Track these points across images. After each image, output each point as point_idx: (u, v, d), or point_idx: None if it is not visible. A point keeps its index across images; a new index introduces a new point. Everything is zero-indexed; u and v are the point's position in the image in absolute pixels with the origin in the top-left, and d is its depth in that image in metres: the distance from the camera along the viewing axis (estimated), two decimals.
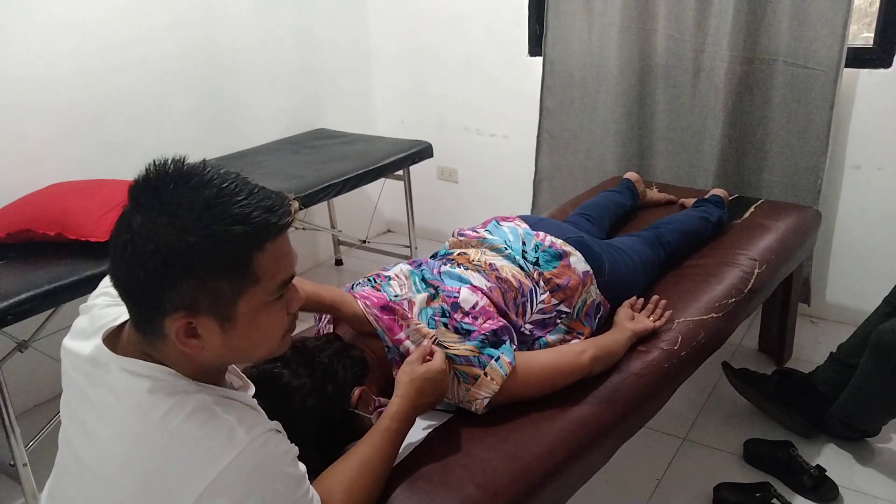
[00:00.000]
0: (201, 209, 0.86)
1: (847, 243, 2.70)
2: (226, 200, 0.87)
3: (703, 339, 1.74)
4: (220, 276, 0.88)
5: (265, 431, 0.95)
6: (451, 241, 1.81)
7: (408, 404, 1.24)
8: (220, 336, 0.92)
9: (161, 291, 0.88)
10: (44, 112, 2.40)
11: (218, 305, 0.90)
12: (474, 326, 1.42)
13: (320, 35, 3.35)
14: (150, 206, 0.87)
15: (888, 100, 2.48)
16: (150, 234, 0.86)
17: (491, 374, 1.37)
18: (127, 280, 0.90)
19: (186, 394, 0.92)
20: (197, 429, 0.90)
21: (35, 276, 1.87)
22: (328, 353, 1.31)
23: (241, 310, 0.91)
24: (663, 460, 2.10)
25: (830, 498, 1.91)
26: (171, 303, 0.88)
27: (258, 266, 0.90)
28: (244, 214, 0.87)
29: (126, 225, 0.89)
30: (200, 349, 0.92)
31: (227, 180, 0.89)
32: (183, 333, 0.90)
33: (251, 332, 0.94)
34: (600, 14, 2.83)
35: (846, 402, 2.02)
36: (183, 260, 0.86)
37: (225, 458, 0.89)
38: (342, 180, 2.64)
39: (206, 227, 0.86)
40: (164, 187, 0.88)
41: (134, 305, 0.93)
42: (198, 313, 0.89)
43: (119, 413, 0.92)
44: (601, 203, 2.33)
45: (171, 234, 0.85)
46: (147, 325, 0.92)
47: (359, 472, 1.15)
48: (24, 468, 1.92)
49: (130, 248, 0.87)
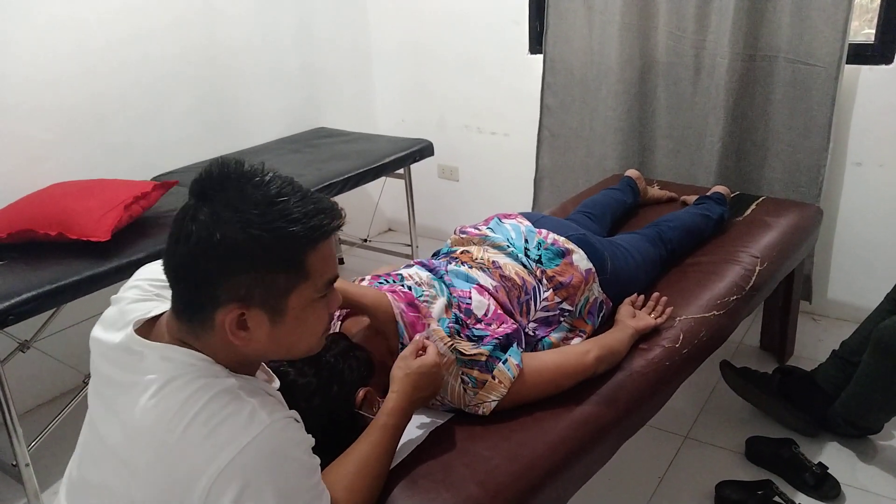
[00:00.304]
0: (265, 206, 0.92)
1: (849, 240, 2.70)
2: (285, 200, 0.93)
3: (704, 337, 1.74)
4: (276, 270, 0.93)
5: (285, 417, 0.98)
6: (453, 238, 1.80)
7: (404, 399, 1.24)
8: (268, 329, 0.96)
9: (220, 282, 0.92)
10: (45, 112, 2.40)
11: (270, 299, 0.94)
12: (487, 332, 1.43)
13: (320, 34, 3.35)
14: (217, 200, 0.92)
15: (889, 96, 2.48)
16: (217, 226, 0.91)
17: (499, 377, 1.37)
18: (187, 269, 0.94)
19: (215, 377, 0.96)
20: (221, 409, 0.93)
21: (36, 277, 1.87)
22: (334, 352, 1.30)
23: (292, 304, 0.96)
24: (665, 458, 2.10)
25: (832, 496, 1.91)
26: (227, 294, 0.93)
27: (310, 264, 0.96)
28: (302, 214, 0.93)
29: (191, 216, 0.93)
30: (248, 341, 0.96)
31: (285, 182, 0.96)
32: (234, 325, 0.94)
33: (297, 328, 0.99)
34: (601, 11, 2.83)
35: (848, 400, 2.02)
36: (246, 252, 0.91)
37: (245, 438, 0.91)
38: (343, 179, 2.64)
39: (269, 223, 0.91)
40: (229, 183, 0.94)
41: (186, 294, 0.96)
42: (251, 306, 0.94)
43: (146, 394, 0.94)
44: (602, 201, 2.33)
45: (237, 226, 0.91)
46: (196, 314, 0.96)
47: (359, 468, 1.15)
48: (26, 468, 1.93)
49: (196, 238, 0.92)
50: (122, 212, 2.06)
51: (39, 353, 2.14)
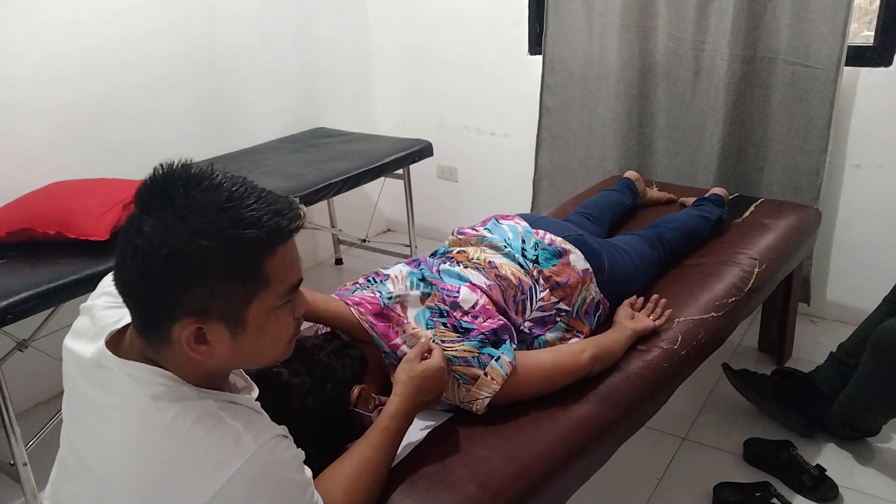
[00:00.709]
0: (214, 213, 0.86)
1: (847, 242, 2.70)
2: (237, 204, 0.87)
3: (703, 339, 1.74)
4: (232, 280, 0.88)
5: (272, 437, 0.95)
6: (451, 239, 1.80)
7: (407, 403, 1.24)
8: (229, 342, 0.91)
9: (173, 297, 0.87)
10: (44, 112, 2.40)
11: (229, 310, 0.89)
12: (474, 325, 1.42)
13: (320, 34, 3.35)
14: (162, 210, 0.86)
15: (888, 98, 2.48)
16: (162, 239, 0.85)
17: (491, 373, 1.37)
18: (136, 286, 0.89)
19: (190, 400, 0.92)
20: (204, 436, 0.89)
21: (35, 276, 1.87)
22: (327, 351, 1.31)
23: (252, 314, 0.91)
24: (663, 460, 2.10)
25: (830, 497, 1.91)
26: (182, 309, 0.88)
27: (269, 270, 0.90)
28: (255, 218, 0.87)
29: (136, 229, 0.87)
30: (209, 356, 0.91)
31: (237, 184, 0.89)
32: (192, 340, 0.89)
33: (260, 338, 0.94)
34: (600, 13, 2.83)
35: (846, 402, 2.02)
36: (197, 264, 0.85)
37: (233, 466, 0.88)
38: (342, 179, 2.64)
39: (220, 231, 0.85)
40: (174, 191, 0.87)
41: (141, 311, 0.91)
42: (208, 319, 0.89)
43: (124, 418, 0.92)
44: (601, 202, 2.33)
45: (184, 238, 0.85)
46: (154, 331, 0.91)
47: (359, 471, 1.14)
48: (24, 467, 1.92)
49: (142, 253, 0.86)
50: (121, 211, 2.06)
51: (38, 352, 2.14)
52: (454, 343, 1.38)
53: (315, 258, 3.64)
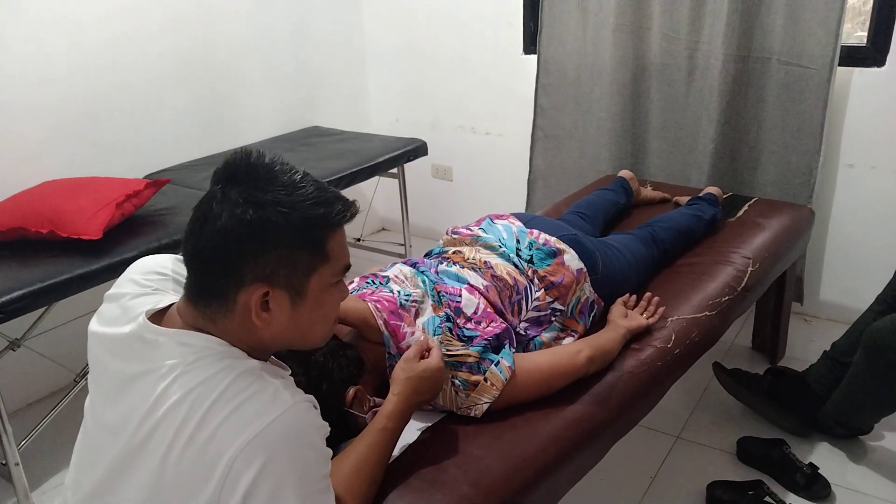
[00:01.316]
0: (291, 189, 0.97)
1: (840, 241, 2.71)
2: (307, 184, 0.99)
3: (696, 337, 1.75)
4: (301, 250, 0.97)
5: (306, 400, 0.99)
6: (446, 239, 1.80)
7: (404, 402, 1.23)
8: (289, 311, 0.98)
9: (247, 261, 0.94)
10: (37, 110, 2.39)
11: (293, 279, 0.97)
12: (477, 332, 1.42)
13: (315, 33, 3.35)
14: (245, 182, 0.95)
15: (882, 98, 2.49)
16: (247, 204, 0.94)
17: (491, 379, 1.37)
18: (213, 251, 0.95)
19: (237, 359, 0.97)
20: (246, 388, 0.94)
21: (28, 275, 1.87)
22: (323, 351, 1.30)
23: (312, 286, 0.99)
24: (657, 458, 2.10)
25: (823, 496, 1.92)
26: (253, 273, 0.95)
27: (330, 247, 0.99)
28: (324, 199, 0.98)
29: (217, 197, 0.95)
30: (268, 323, 0.98)
31: (303, 172, 1.01)
32: (259, 304, 0.96)
33: (315, 311, 1.01)
34: (595, 13, 2.83)
35: (839, 401, 2.03)
36: (274, 230, 0.94)
37: (269, 416, 0.92)
38: (337, 178, 2.63)
39: (297, 203, 0.96)
40: (256, 168, 0.97)
41: (210, 277, 0.97)
42: (275, 285, 0.96)
43: (170, 378, 0.95)
44: (595, 201, 2.33)
45: (267, 205, 0.94)
46: (216, 297, 0.97)
47: (357, 470, 1.14)
48: (16, 467, 1.92)
49: (227, 218, 0.94)
50: (114, 210, 2.05)
51: (30, 351, 2.13)
52: (459, 350, 1.38)
53: None
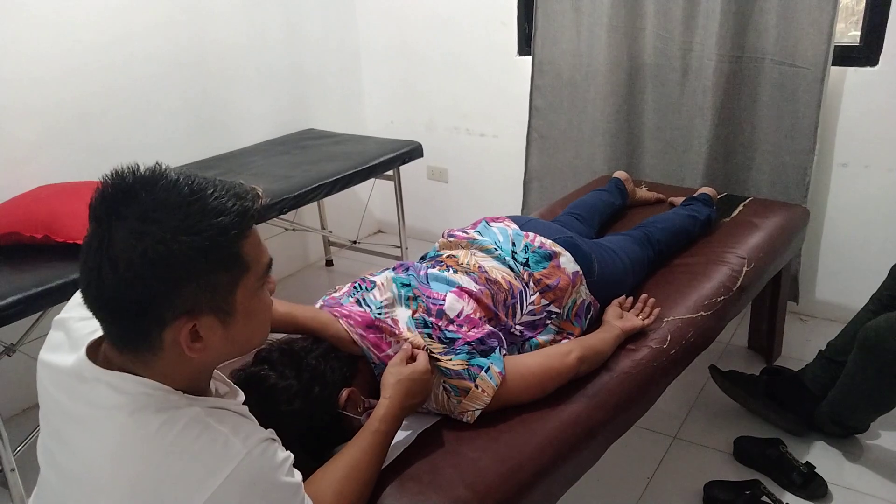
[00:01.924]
0: (185, 208, 0.85)
1: (835, 241, 2.72)
2: (201, 196, 0.87)
3: (692, 338, 1.75)
4: (217, 271, 0.88)
5: (261, 441, 0.94)
6: (441, 242, 1.80)
7: (396, 406, 1.24)
8: (221, 332, 0.92)
9: (162, 301, 0.86)
10: (30, 113, 2.38)
11: (218, 301, 0.89)
12: (459, 334, 1.41)
13: (309, 35, 3.35)
14: (129, 217, 0.84)
15: (875, 98, 2.50)
16: (142, 244, 0.83)
17: (482, 385, 1.37)
18: (120, 300, 0.85)
19: (177, 408, 0.91)
20: (192, 443, 0.89)
21: (22, 280, 1.86)
22: (315, 354, 1.30)
23: (239, 300, 0.92)
24: (653, 459, 2.10)
25: (820, 495, 1.92)
26: (172, 311, 0.86)
27: (245, 253, 0.91)
28: (223, 205, 0.87)
29: (106, 242, 0.84)
30: (203, 351, 0.91)
31: (192, 178, 0.89)
32: (189, 339, 0.89)
33: (249, 321, 0.94)
34: (588, 13, 2.84)
35: (835, 400, 2.03)
36: (183, 262, 0.84)
37: (223, 472, 0.88)
38: (332, 181, 2.63)
39: (195, 224, 0.85)
40: (135, 194, 0.85)
41: (124, 325, 0.89)
42: (200, 315, 0.88)
43: (106, 429, 0.90)
44: (591, 202, 2.33)
45: (164, 238, 0.83)
46: (139, 342, 0.89)
47: (348, 474, 1.14)
48: (11, 473, 1.91)
49: (123, 263, 0.83)
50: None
51: (26, 356, 2.12)
52: (443, 355, 1.37)
53: (305, 260, 3.63)
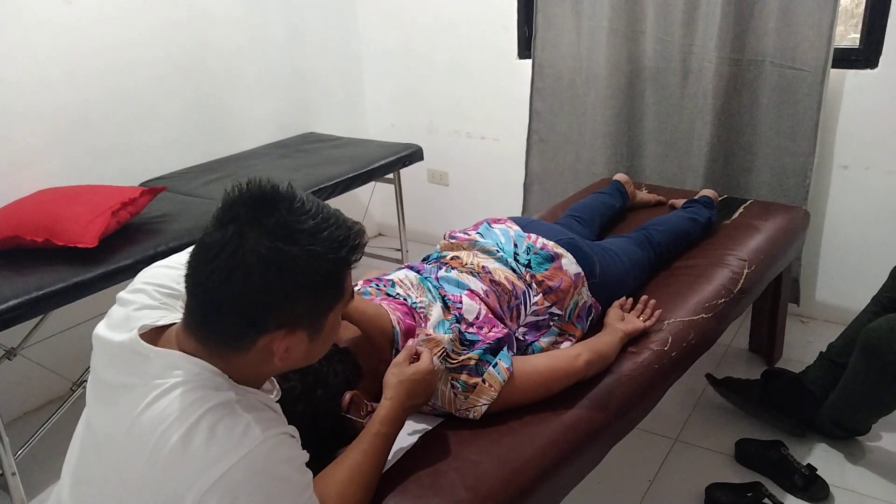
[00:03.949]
0: (313, 232, 0.93)
1: (836, 243, 2.72)
2: (329, 224, 0.95)
3: (693, 340, 1.75)
4: (324, 293, 0.96)
5: (279, 433, 0.98)
6: (443, 243, 1.80)
7: (398, 407, 1.24)
8: (306, 347, 0.98)
9: (273, 309, 0.92)
10: (32, 117, 2.38)
11: (314, 319, 0.97)
12: (479, 336, 1.43)
13: (310, 39, 3.35)
14: (269, 228, 0.91)
15: (875, 100, 2.50)
16: (275, 255, 0.90)
17: (489, 380, 1.37)
18: (239, 301, 0.91)
19: (215, 390, 0.95)
20: (215, 423, 0.93)
21: (23, 283, 1.86)
22: None
23: (328, 322, 0.99)
24: (655, 461, 2.10)
25: (821, 497, 1.92)
26: (278, 321, 0.93)
27: (346, 283, 1.00)
28: (343, 238, 0.96)
29: (241, 247, 0.90)
30: (286, 360, 0.98)
31: (318, 204, 0.97)
32: (282, 347, 0.95)
33: (327, 340, 1.03)
34: (589, 17, 2.84)
35: (836, 402, 2.03)
36: (305, 277, 0.92)
37: (237, 454, 0.91)
38: (332, 184, 2.64)
39: (324, 247, 0.93)
40: (272, 209, 0.92)
41: (226, 324, 0.94)
42: (297, 329, 0.95)
43: (147, 400, 0.94)
44: (591, 205, 2.34)
45: (296, 255, 0.91)
46: (233, 340, 0.94)
47: (351, 476, 1.14)
48: (12, 477, 1.91)
49: (257, 273, 0.89)
50: (110, 218, 2.05)
51: (26, 360, 2.12)
52: (461, 354, 1.38)
53: None
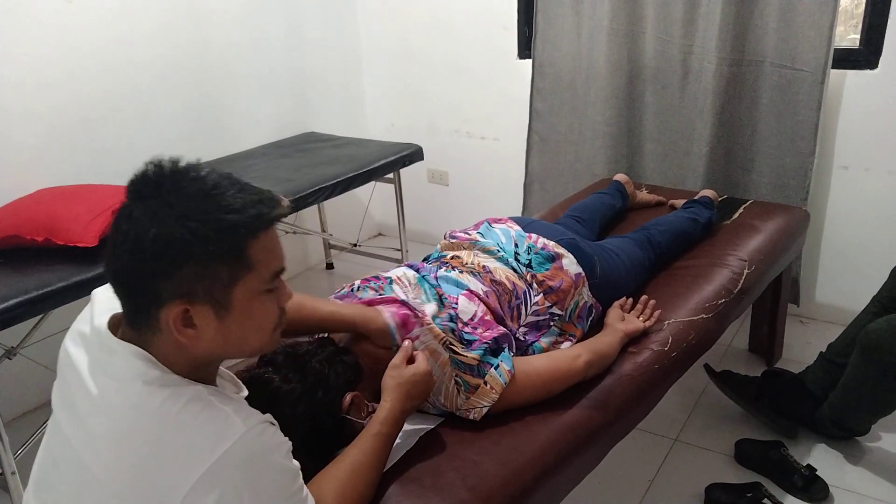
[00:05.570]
0: (200, 199, 0.91)
1: (835, 243, 2.72)
2: (221, 192, 0.92)
3: (693, 340, 1.75)
4: (217, 262, 0.92)
5: (261, 422, 0.97)
6: (443, 243, 1.80)
7: (397, 408, 1.24)
8: (215, 324, 0.94)
9: (160, 279, 0.91)
10: (32, 116, 2.38)
11: (214, 292, 0.93)
12: (475, 335, 1.43)
13: (310, 38, 3.35)
14: (151, 197, 0.91)
15: (875, 100, 2.50)
16: (151, 222, 0.89)
17: (490, 382, 1.37)
18: (125, 271, 0.93)
19: (181, 386, 0.94)
20: (193, 417, 0.92)
21: (23, 283, 1.86)
22: (320, 357, 1.30)
23: (237, 296, 0.94)
24: (655, 461, 2.10)
25: (821, 497, 1.92)
26: (169, 291, 0.91)
27: (252, 254, 0.94)
28: (240, 205, 0.92)
29: (126, 216, 0.92)
30: (196, 339, 0.94)
31: (222, 176, 0.95)
32: (180, 322, 0.92)
33: (245, 321, 0.97)
34: (589, 17, 2.84)
35: (836, 402, 2.03)
36: (184, 245, 0.89)
37: (221, 447, 0.90)
38: (332, 184, 2.64)
39: (206, 214, 0.90)
40: (163, 181, 0.92)
41: (130, 297, 0.95)
42: (194, 301, 0.92)
43: (117, 401, 0.93)
44: (591, 205, 2.34)
45: (172, 221, 0.89)
46: (142, 318, 0.94)
47: (350, 476, 1.15)
48: (12, 476, 1.91)
49: (132, 237, 0.90)
50: (110, 217, 2.02)
51: (26, 359, 2.12)
52: (462, 351, 1.38)
53: (306, 263, 3.63)
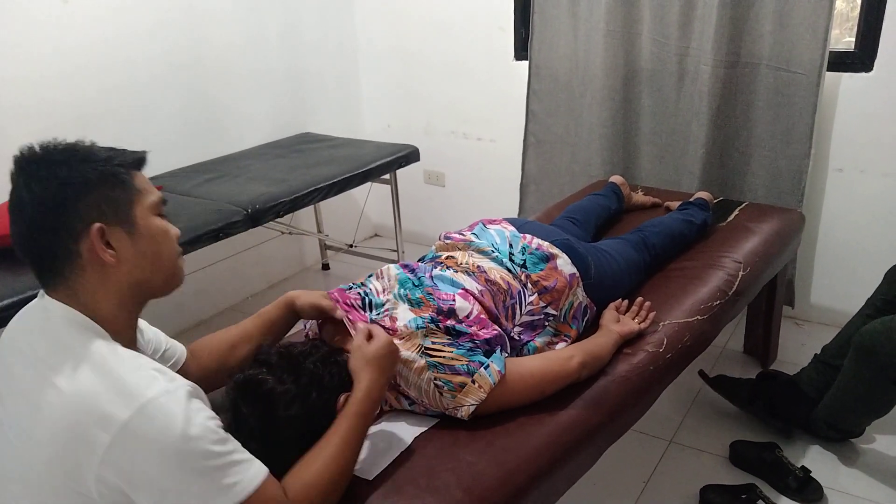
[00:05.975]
0: (83, 153, 1.09)
1: (831, 245, 2.73)
2: (89, 149, 1.10)
3: (688, 342, 1.75)
4: (112, 187, 1.07)
5: (186, 385, 1.02)
6: (438, 244, 1.80)
7: (374, 386, 1.25)
8: (129, 243, 1.07)
9: (70, 213, 1.03)
10: (27, 114, 2.37)
11: (120, 213, 1.07)
12: (469, 329, 1.42)
13: (307, 38, 3.35)
14: (37, 165, 1.06)
15: (870, 103, 2.51)
16: (46, 177, 1.04)
17: (479, 381, 1.37)
18: (35, 225, 1.05)
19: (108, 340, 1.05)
20: (122, 362, 1.01)
21: (19, 283, 1.86)
22: (314, 358, 1.29)
23: (138, 214, 1.09)
24: (650, 463, 2.11)
25: (815, 499, 1.93)
26: (82, 220, 1.04)
27: (136, 182, 1.11)
28: (106, 153, 1.11)
29: (19, 186, 1.08)
30: (118, 259, 1.06)
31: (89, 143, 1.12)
32: (100, 241, 1.04)
33: (153, 238, 1.11)
34: (585, 18, 2.85)
35: (830, 404, 2.04)
36: (81, 178, 1.04)
37: (150, 391, 0.97)
38: (329, 184, 2.63)
39: (84, 159, 1.07)
40: (43, 153, 1.08)
41: (46, 250, 1.05)
42: (106, 222, 1.05)
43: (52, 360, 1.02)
44: (587, 206, 2.34)
45: (63, 170, 1.04)
46: (63, 261, 1.05)
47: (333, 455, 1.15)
48: None
49: (37, 190, 1.04)
50: None
51: None
52: (443, 348, 1.38)
53: (302, 264, 3.63)
